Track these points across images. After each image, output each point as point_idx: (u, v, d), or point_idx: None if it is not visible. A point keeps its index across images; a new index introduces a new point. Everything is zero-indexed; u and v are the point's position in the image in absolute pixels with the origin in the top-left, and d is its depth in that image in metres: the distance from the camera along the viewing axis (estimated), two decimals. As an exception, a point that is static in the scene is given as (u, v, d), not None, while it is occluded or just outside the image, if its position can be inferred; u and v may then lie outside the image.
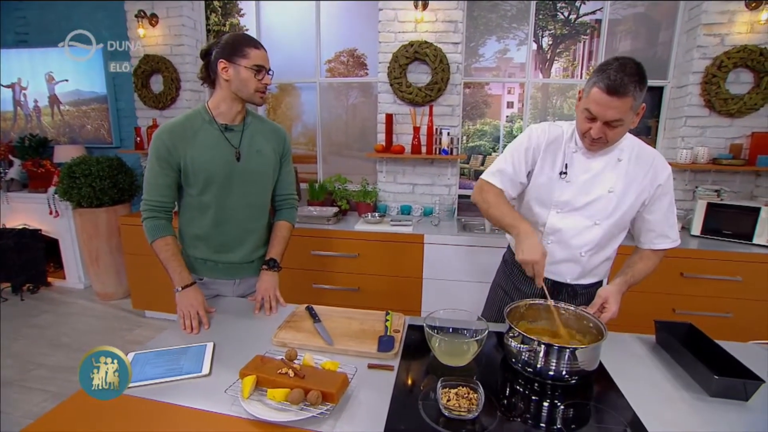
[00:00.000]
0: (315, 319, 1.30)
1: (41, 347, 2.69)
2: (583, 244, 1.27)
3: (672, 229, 1.27)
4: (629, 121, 1.10)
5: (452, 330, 1.17)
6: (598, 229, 1.25)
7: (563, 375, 0.99)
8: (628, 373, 1.07)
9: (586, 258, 1.29)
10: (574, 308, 1.17)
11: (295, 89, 3.35)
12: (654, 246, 1.29)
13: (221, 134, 1.36)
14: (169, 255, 1.35)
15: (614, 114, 1.06)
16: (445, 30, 2.72)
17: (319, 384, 0.93)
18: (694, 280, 2.28)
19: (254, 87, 1.31)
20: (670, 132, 2.79)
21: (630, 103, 1.04)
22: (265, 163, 1.44)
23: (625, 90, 1.02)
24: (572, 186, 1.24)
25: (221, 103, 1.35)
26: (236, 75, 1.29)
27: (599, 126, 1.10)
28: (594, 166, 1.23)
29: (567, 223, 1.27)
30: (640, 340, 1.25)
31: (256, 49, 1.29)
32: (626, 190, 1.22)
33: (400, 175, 3.02)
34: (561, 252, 1.30)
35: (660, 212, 1.24)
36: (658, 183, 1.21)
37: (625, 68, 1.03)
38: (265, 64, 1.31)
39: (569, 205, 1.26)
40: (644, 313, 2.35)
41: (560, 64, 2.90)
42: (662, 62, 2.77)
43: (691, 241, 2.45)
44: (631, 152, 1.22)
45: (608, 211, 1.23)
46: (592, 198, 1.23)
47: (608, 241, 1.29)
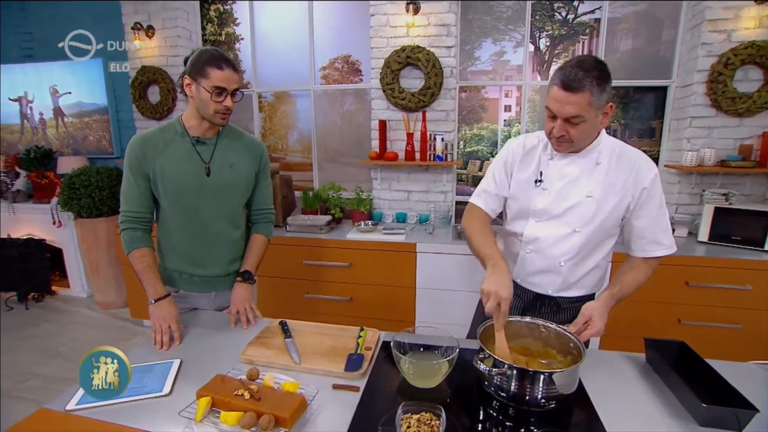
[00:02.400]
0: (286, 335, 1.26)
1: (37, 357, 2.70)
2: (562, 253, 1.21)
3: (665, 234, 1.18)
4: (592, 119, 1.05)
5: (423, 348, 1.11)
6: (577, 237, 1.18)
7: (539, 400, 0.93)
8: (612, 396, 1.00)
9: (567, 268, 1.22)
10: (555, 326, 1.09)
11: (290, 97, 3.34)
12: (646, 254, 1.20)
13: (192, 147, 1.34)
14: (143, 267, 1.34)
15: (572, 110, 1.03)
16: (437, 34, 2.68)
17: (274, 407, 0.89)
18: (700, 289, 2.16)
19: (213, 108, 1.26)
20: (674, 134, 2.68)
21: (587, 99, 1.01)
22: (237, 177, 1.41)
23: (580, 85, 1.00)
24: (549, 193, 1.20)
25: (191, 118, 1.34)
26: (197, 93, 1.26)
27: (560, 123, 1.07)
28: (570, 171, 1.18)
29: (545, 232, 1.21)
30: (629, 359, 1.16)
31: (218, 69, 1.23)
32: (606, 195, 1.15)
33: (394, 182, 2.97)
34: (540, 262, 1.24)
35: (649, 217, 1.16)
36: (643, 186, 1.14)
37: (582, 64, 1.02)
38: (227, 86, 1.25)
39: (547, 213, 1.20)
40: (647, 323, 2.26)
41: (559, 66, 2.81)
42: (666, 61, 2.67)
43: (697, 247, 2.33)
44: (611, 154, 1.16)
45: (588, 217, 1.16)
46: (569, 204, 1.17)
47: (591, 250, 1.22)
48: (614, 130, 2.78)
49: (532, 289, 1.30)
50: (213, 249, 1.43)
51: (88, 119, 3.64)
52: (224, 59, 1.25)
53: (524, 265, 1.29)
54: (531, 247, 1.25)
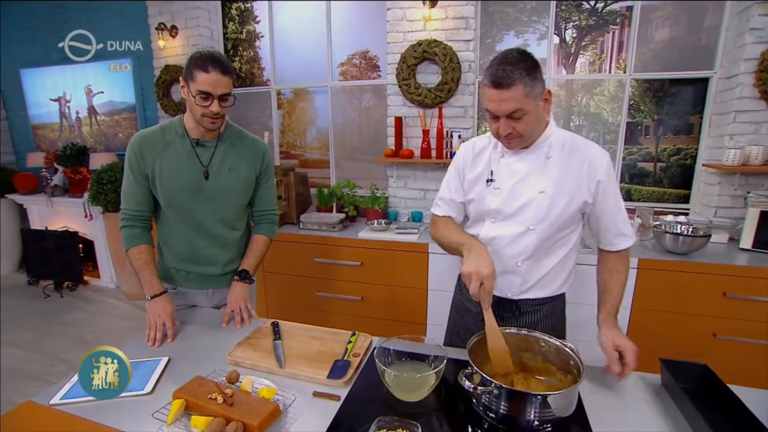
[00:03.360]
0: (276, 337, 1.23)
1: (66, 344, 2.85)
2: (518, 252, 1.16)
3: (626, 224, 1.15)
4: (533, 109, 1.02)
5: (408, 358, 1.05)
6: (533, 235, 1.13)
7: (532, 423, 0.84)
8: (617, 421, 0.90)
9: (524, 268, 1.18)
10: (555, 341, 1.00)
11: (308, 94, 3.33)
12: (615, 247, 1.17)
13: (192, 149, 1.33)
14: (141, 264, 1.35)
15: (510, 105, 1.01)
16: (455, 27, 2.57)
17: (244, 414, 0.85)
18: (739, 302, 1.96)
19: (200, 112, 1.23)
20: (715, 129, 2.44)
21: (522, 91, 0.99)
22: (236, 181, 1.39)
23: (510, 79, 0.98)
24: (501, 192, 1.16)
25: (191, 119, 1.32)
26: (188, 96, 1.24)
27: (504, 122, 1.04)
28: (521, 168, 1.14)
29: (500, 232, 1.18)
30: (642, 381, 1.05)
31: (204, 72, 1.18)
32: (559, 189, 1.10)
33: (410, 180, 2.90)
34: (497, 263, 1.18)
35: (609, 209, 1.12)
36: (597, 178, 1.09)
37: (507, 59, 0.99)
38: (212, 90, 1.20)
39: (501, 213, 1.17)
40: (679, 337, 2.07)
41: (586, 58, 2.63)
42: (707, 50, 2.44)
43: (738, 255, 2.12)
44: (562, 147, 1.12)
45: (541, 214, 1.11)
46: (522, 202, 1.13)
47: (549, 248, 1.17)
48: (646, 126, 2.58)
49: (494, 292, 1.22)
50: (209, 249, 1.42)
51: (118, 117, 3.80)
52: (213, 61, 1.19)
53: None
54: (489, 249, 1.19)
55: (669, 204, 2.59)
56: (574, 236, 1.19)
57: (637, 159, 2.61)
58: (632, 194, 2.65)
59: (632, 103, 2.57)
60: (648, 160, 2.60)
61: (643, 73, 2.53)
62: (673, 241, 2.07)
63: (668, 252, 2.13)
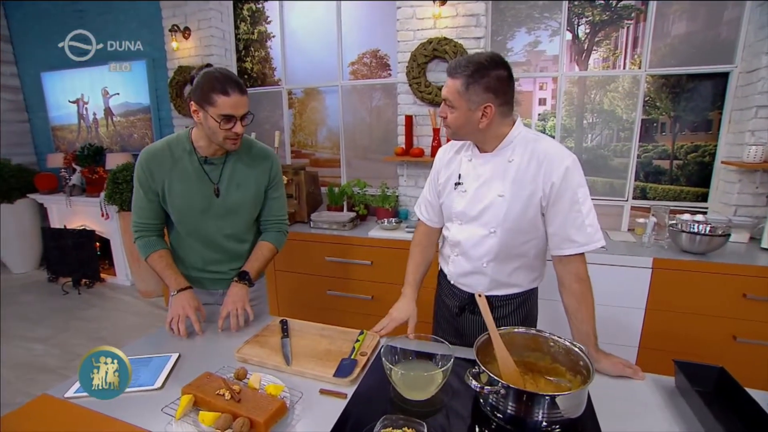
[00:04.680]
0: (284, 335, 1.24)
1: (83, 339, 2.92)
2: (482, 254, 1.19)
3: (580, 231, 1.08)
4: (463, 110, 1.07)
5: (415, 357, 1.04)
6: (494, 238, 1.16)
7: (540, 424, 0.83)
8: (629, 425, 0.87)
9: (491, 269, 1.20)
10: (564, 341, 0.98)
11: (319, 93, 3.34)
12: (559, 251, 1.12)
13: (200, 167, 1.32)
14: (164, 265, 1.37)
15: (445, 92, 1.09)
16: (466, 25, 2.55)
17: (251, 410, 0.86)
18: (760, 303, 1.89)
19: (223, 135, 1.21)
20: (736, 125, 2.37)
21: (456, 86, 1.05)
22: (245, 197, 1.38)
23: (454, 71, 1.06)
24: (467, 195, 1.19)
25: (200, 139, 1.31)
26: (205, 121, 1.20)
27: (442, 105, 1.12)
28: (484, 171, 1.16)
29: (465, 234, 1.21)
30: (656, 383, 1.02)
31: (224, 95, 1.15)
32: (517, 193, 1.11)
33: (421, 179, 2.88)
34: (466, 264, 1.25)
35: (561, 214, 1.09)
36: (552, 181, 1.07)
37: (472, 56, 1.05)
38: (234, 113, 1.17)
39: (465, 216, 1.20)
40: (697, 339, 2.02)
41: (599, 55, 2.58)
42: (727, 44, 2.37)
43: (760, 255, 2.05)
44: (524, 151, 1.11)
45: (500, 217, 1.13)
46: (484, 205, 1.16)
47: (514, 249, 1.18)
48: (662, 123, 2.51)
49: (465, 289, 1.29)
50: (220, 261, 1.44)
51: (133, 118, 3.87)
52: (230, 81, 1.17)
53: (454, 267, 1.30)
54: (457, 250, 1.26)
55: (686, 203, 2.52)
56: (539, 243, 1.17)
57: (652, 157, 2.55)
58: (647, 193, 2.59)
59: (647, 99, 2.51)
60: (664, 157, 2.53)
61: (659, 68, 2.47)
62: (689, 240, 2.01)
63: (685, 252, 2.07)
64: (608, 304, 2.04)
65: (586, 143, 2.70)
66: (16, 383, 2.42)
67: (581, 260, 1.11)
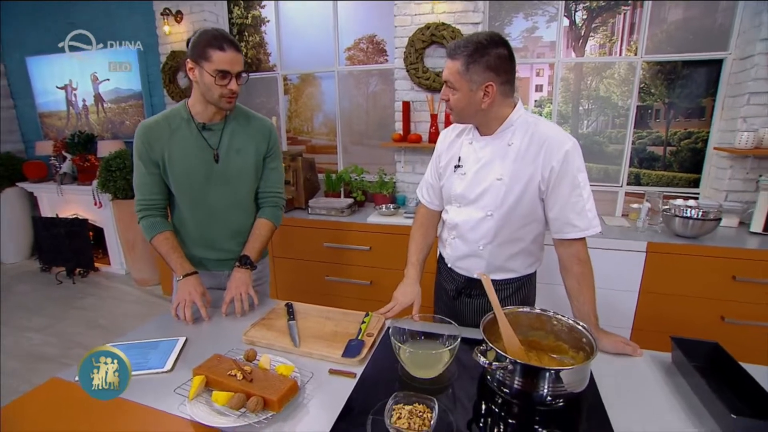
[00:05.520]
0: (290, 318, 1.25)
1: (81, 327, 2.91)
2: (479, 237, 1.21)
3: (580, 216, 1.11)
4: (465, 91, 1.07)
5: (425, 337, 1.06)
6: (491, 221, 1.18)
7: (544, 398, 0.86)
8: (629, 399, 0.91)
9: (487, 252, 1.22)
10: (567, 319, 1.01)
11: (315, 79, 3.31)
12: (561, 236, 1.14)
13: (199, 134, 1.32)
14: (168, 248, 1.37)
15: (446, 73, 1.09)
16: (464, 10, 2.54)
17: (264, 390, 0.88)
18: (749, 285, 1.96)
19: (218, 93, 1.22)
20: (728, 112, 2.41)
21: (456, 67, 1.05)
22: (245, 163, 1.38)
23: (453, 53, 1.06)
24: (466, 178, 1.20)
25: (197, 103, 1.30)
26: (201, 78, 1.21)
27: (444, 88, 1.13)
28: (484, 154, 1.17)
29: (463, 217, 1.23)
30: (653, 359, 1.06)
31: (221, 51, 1.17)
32: (516, 176, 1.12)
33: (418, 165, 2.89)
34: (463, 247, 1.26)
35: (561, 198, 1.11)
36: (551, 165, 1.08)
37: (470, 37, 1.06)
38: (230, 69, 1.19)
39: (464, 198, 1.22)
40: (687, 320, 2.08)
41: (596, 41, 2.59)
42: (722, 31, 2.39)
43: (749, 239, 2.11)
44: (524, 134, 1.12)
45: (498, 200, 1.15)
46: (482, 188, 1.17)
47: (511, 234, 1.19)
48: (657, 109, 2.54)
49: (462, 273, 1.31)
50: (224, 235, 1.43)
51: (124, 104, 3.80)
52: (226, 39, 1.19)
53: (452, 250, 1.31)
54: (454, 233, 1.27)
55: (678, 189, 2.57)
56: (537, 228, 1.20)
57: (646, 143, 2.59)
58: (641, 179, 2.63)
59: (643, 86, 2.54)
60: (658, 144, 2.57)
61: (654, 55, 2.49)
62: (682, 224, 2.06)
63: (677, 236, 2.12)
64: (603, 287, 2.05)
65: (581, 129, 2.72)
66: (17, 373, 2.41)
67: (582, 243, 1.14)
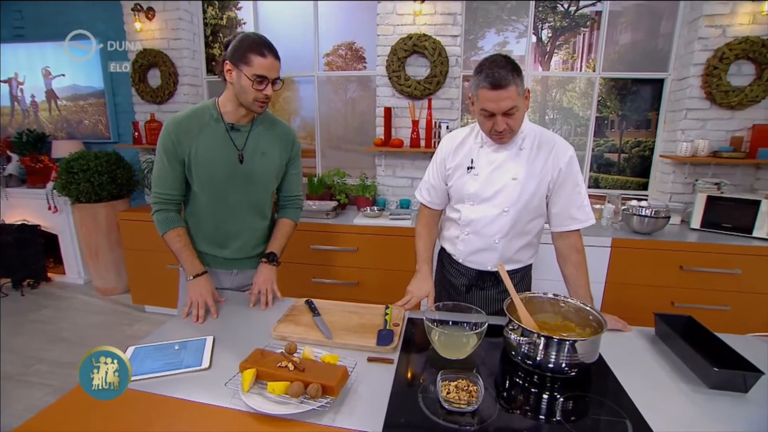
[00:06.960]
0: (314, 313, 1.30)
1: (41, 342, 2.69)
2: (495, 231, 1.34)
3: (580, 210, 1.31)
4: (522, 106, 1.19)
5: (452, 323, 1.17)
6: (507, 217, 1.32)
7: (563, 367, 1.00)
8: (627, 365, 1.07)
9: (501, 245, 1.36)
10: (575, 301, 1.16)
11: (293, 83, 3.32)
12: (563, 228, 1.33)
13: (226, 133, 1.35)
14: (181, 246, 1.38)
15: (507, 103, 1.15)
16: (443, 23, 2.70)
17: (319, 377, 0.93)
18: (693, 273, 2.28)
19: (253, 96, 1.25)
20: (670, 125, 2.78)
21: (515, 90, 1.14)
22: (268, 166, 1.42)
23: (506, 81, 1.12)
24: (480, 178, 1.33)
25: (228, 103, 1.33)
26: (238, 80, 1.24)
27: (500, 119, 1.18)
28: (498, 157, 1.31)
29: (479, 214, 1.35)
30: (640, 333, 1.25)
31: (261, 57, 1.21)
32: (529, 176, 1.28)
33: (399, 169, 3.01)
34: (477, 241, 1.38)
35: (564, 195, 1.30)
36: (559, 167, 1.27)
37: (498, 63, 1.13)
38: (268, 75, 1.23)
39: (479, 197, 1.34)
40: (643, 306, 2.37)
41: (560, 57, 2.88)
42: (663, 54, 2.76)
43: (690, 234, 2.45)
44: (533, 140, 1.30)
45: (514, 198, 1.29)
46: (498, 187, 1.31)
47: (522, 228, 1.35)
48: (611, 120, 2.87)
49: (473, 267, 1.43)
50: (237, 235, 1.46)
51: (83, 102, 3.56)
52: (267, 46, 1.23)
53: (464, 246, 1.42)
54: (468, 229, 1.39)
55: (630, 191, 2.91)
56: (541, 222, 1.38)
57: (604, 150, 2.90)
58: (600, 182, 2.95)
59: (600, 99, 2.85)
60: (613, 151, 2.89)
61: (609, 72, 2.81)
62: (639, 222, 2.35)
63: (635, 232, 2.41)
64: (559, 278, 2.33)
65: (547, 137, 2.99)
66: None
67: (579, 234, 1.33)
